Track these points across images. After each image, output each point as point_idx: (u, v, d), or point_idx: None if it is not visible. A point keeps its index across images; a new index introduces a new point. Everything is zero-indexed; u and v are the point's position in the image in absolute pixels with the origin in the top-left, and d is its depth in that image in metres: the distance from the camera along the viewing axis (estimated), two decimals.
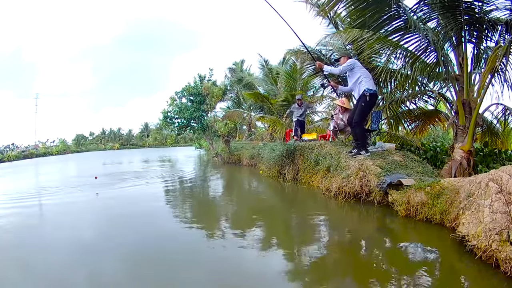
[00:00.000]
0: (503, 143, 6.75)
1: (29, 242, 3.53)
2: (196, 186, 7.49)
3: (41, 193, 6.89)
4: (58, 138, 47.87)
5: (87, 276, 2.59)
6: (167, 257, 2.96)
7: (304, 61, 8.50)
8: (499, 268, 2.29)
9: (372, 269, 2.57)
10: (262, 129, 20.36)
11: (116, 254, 3.07)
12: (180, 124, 16.83)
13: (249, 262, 2.82)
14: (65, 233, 3.82)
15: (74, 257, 2.98)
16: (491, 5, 4.56)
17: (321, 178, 5.83)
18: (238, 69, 21.75)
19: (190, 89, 15.88)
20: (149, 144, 54.60)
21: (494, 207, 2.55)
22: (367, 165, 4.82)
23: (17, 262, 2.94)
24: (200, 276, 2.53)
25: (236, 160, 12.57)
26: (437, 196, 3.49)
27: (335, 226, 3.94)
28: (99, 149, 52.24)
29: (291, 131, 10.16)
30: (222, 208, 5.10)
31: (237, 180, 8.99)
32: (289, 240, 3.47)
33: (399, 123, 7.36)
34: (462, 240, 2.73)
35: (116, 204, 5.53)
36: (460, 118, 5.12)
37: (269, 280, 2.45)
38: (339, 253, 3.01)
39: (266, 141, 12.54)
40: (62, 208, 5.23)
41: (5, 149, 34.29)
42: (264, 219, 4.26)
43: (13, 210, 5.19)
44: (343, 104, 6.72)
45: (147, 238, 3.50)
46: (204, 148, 22.25)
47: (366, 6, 4.83)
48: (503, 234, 2.35)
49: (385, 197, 4.33)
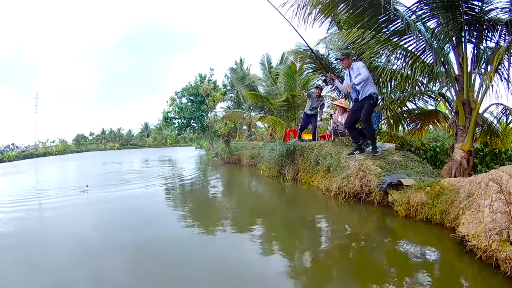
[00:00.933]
0: (503, 143, 6.75)
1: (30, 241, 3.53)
2: (196, 187, 7.49)
3: (38, 196, 6.89)
4: (58, 138, 47.94)
5: (89, 274, 2.59)
6: (167, 257, 2.96)
7: (304, 60, 8.47)
8: (499, 268, 2.29)
9: (372, 269, 2.57)
10: (262, 129, 20.37)
11: (117, 254, 3.07)
12: (180, 124, 16.83)
13: (249, 262, 2.82)
14: (67, 231, 3.82)
15: (76, 256, 2.98)
16: (490, 4, 4.57)
17: (321, 178, 5.82)
18: (238, 68, 21.75)
19: (190, 89, 15.88)
20: (149, 144, 54.60)
21: (494, 207, 2.55)
22: (367, 165, 4.82)
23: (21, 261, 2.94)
24: (200, 276, 2.53)
25: (236, 160, 12.57)
26: (437, 196, 3.49)
27: (335, 226, 3.94)
28: (99, 149, 52.27)
29: (291, 131, 10.12)
30: (222, 208, 5.10)
31: (237, 180, 8.99)
32: (289, 240, 3.47)
33: (399, 123, 7.36)
34: (462, 240, 2.73)
35: (116, 204, 5.53)
36: (460, 118, 5.11)
37: (269, 280, 2.45)
38: (339, 253, 3.01)
39: (266, 141, 12.53)
40: (62, 211, 5.24)
41: (5, 149, 34.31)
42: (264, 219, 4.26)
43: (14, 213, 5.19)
44: (341, 104, 6.72)
45: (147, 238, 3.50)
46: (204, 148, 22.25)
47: (362, 11, 4.82)
48: (503, 234, 2.35)
49: (385, 197, 4.33)
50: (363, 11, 4.80)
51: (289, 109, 12.56)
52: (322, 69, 7.99)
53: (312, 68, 8.48)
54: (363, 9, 4.77)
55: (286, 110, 12.73)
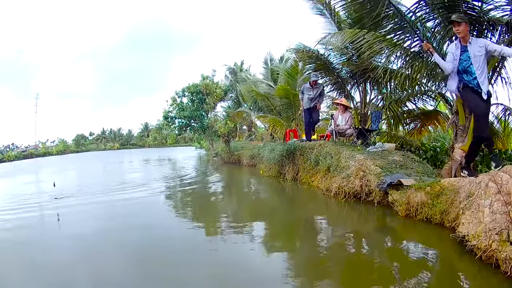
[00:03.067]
0: (503, 143, 6.75)
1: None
2: (196, 187, 7.49)
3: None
4: (58, 138, 47.93)
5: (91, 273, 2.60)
6: (167, 257, 2.96)
7: (304, 59, 8.44)
8: (499, 268, 2.29)
9: (372, 269, 2.57)
10: (262, 129, 20.35)
11: (118, 254, 3.07)
12: (181, 124, 16.81)
13: (249, 262, 2.82)
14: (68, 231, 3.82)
15: (78, 256, 2.98)
16: (490, 4, 4.56)
17: (321, 178, 5.82)
18: (238, 69, 21.75)
19: (191, 87, 15.85)
20: (149, 144, 54.54)
21: (494, 207, 2.55)
22: (367, 165, 4.82)
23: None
24: (200, 276, 2.53)
25: (236, 160, 12.57)
26: (437, 196, 3.49)
27: (335, 226, 3.94)
28: (99, 149, 52.24)
29: (291, 131, 10.08)
30: (222, 208, 5.10)
31: (237, 180, 8.99)
32: (289, 240, 3.47)
33: (399, 123, 7.36)
34: (462, 240, 2.73)
35: (115, 205, 5.53)
36: (460, 118, 5.11)
37: (269, 280, 2.45)
38: (339, 253, 3.00)
39: (266, 141, 12.53)
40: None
41: (5, 149, 34.31)
42: (264, 219, 4.26)
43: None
44: (341, 102, 6.72)
45: (147, 239, 3.50)
46: (204, 148, 22.24)
47: (361, 7, 4.82)
48: (503, 234, 2.35)
49: (385, 197, 4.33)
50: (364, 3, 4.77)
51: (289, 109, 12.55)
52: (322, 68, 8.01)
53: (312, 67, 8.48)
54: (364, 2, 4.75)
55: (286, 109, 12.72)
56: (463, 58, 3.32)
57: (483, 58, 3.26)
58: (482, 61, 3.26)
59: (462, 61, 3.33)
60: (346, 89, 8.22)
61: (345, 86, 8.20)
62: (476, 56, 3.24)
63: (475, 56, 3.24)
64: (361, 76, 7.41)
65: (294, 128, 10.81)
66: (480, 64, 3.25)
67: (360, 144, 6.17)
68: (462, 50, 3.33)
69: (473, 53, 3.26)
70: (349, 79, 8.14)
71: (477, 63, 3.25)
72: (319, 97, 7.26)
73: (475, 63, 3.26)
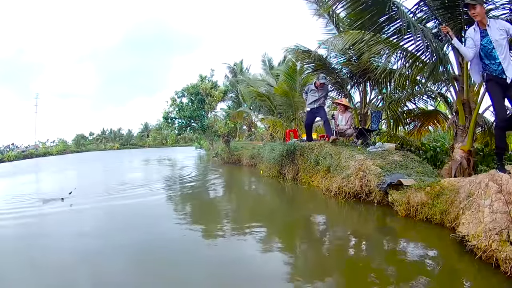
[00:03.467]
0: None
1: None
2: (196, 187, 7.49)
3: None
4: (58, 138, 47.89)
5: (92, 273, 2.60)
6: (167, 257, 2.96)
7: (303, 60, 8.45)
8: (499, 268, 2.29)
9: (372, 269, 2.57)
10: (262, 129, 20.35)
11: (118, 254, 3.07)
12: (181, 124, 16.81)
13: (249, 262, 2.82)
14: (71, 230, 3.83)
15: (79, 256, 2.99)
16: (490, 4, 4.56)
17: (321, 178, 5.83)
18: (238, 69, 21.75)
19: (191, 88, 15.86)
20: (149, 144, 54.53)
21: (494, 207, 2.55)
22: (367, 165, 4.82)
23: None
24: (201, 276, 2.53)
25: (236, 160, 12.57)
26: (437, 196, 3.49)
27: (335, 226, 3.94)
28: (99, 149, 52.21)
29: (291, 131, 10.08)
30: (222, 208, 5.10)
31: (237, 180, 8.99)
32: (289, 240, 3.47)
33: (399, 123, 7.37)
34: (462, 240, 2.73)
35: (115, 205, 5.53)
36: (460, 118, 5.11)
37: (269, 280, 2.45)
38: (338, 252, 3.01)
39: (266, 141, 12.53)
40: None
41: (5, 149, 34.31)
42: (264, 219, 4.26)
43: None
44: (341, 102, 6.72)
45: (147, 239, 3.50)
46: (204, 148, 22.24)
47: (365, 8, 4.81)
48: (503, 234, 2.35)
49: (385, 197, 4.33)
50: (366, 8, 4.76)
51: (289, 109, 12.55)
52: (322, 68, 8.01)
53: (311, 67, 8.49)
54: (366, 6, 4.73)
55: (286, 109, 12.72)
56: (483, 43, 3.06)
57: (505, 42, 3.01)
58: (504, 45, 3.01)
59: (483, 46, 3.07)
60: (346, 89, 8.23)
61: (345, 86, 8.20)
62: (498, 40, 2.99)
63: (496, 41, 2.99)
64: (361, 76, 7.41)
65: (294, 128, 10.80)
66: (503, 48, 3.00)
67: (360, 144, 6.18)
68: (482, 34, 3.06)
69: (494, 38, 3.00)
70: (349, 79, 8.14)
71: (500, 47, 3.00)
72: (323, 98, 7.13)
73: (497, 47, 3.00)
